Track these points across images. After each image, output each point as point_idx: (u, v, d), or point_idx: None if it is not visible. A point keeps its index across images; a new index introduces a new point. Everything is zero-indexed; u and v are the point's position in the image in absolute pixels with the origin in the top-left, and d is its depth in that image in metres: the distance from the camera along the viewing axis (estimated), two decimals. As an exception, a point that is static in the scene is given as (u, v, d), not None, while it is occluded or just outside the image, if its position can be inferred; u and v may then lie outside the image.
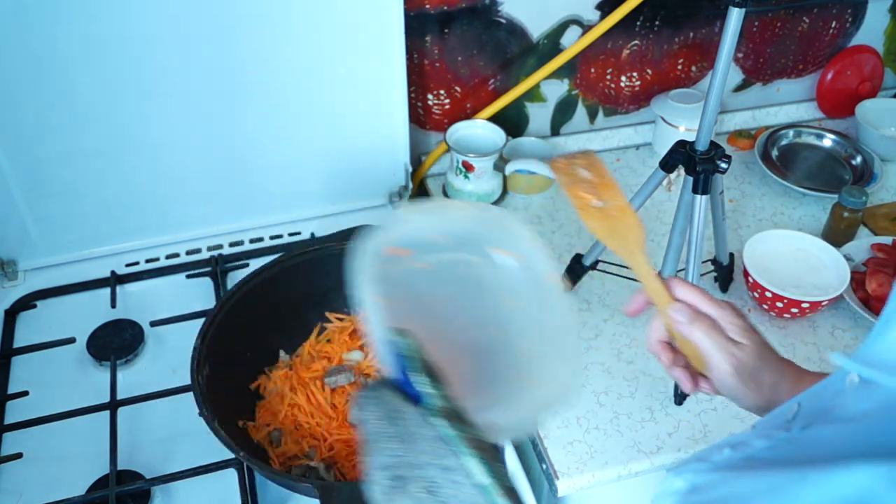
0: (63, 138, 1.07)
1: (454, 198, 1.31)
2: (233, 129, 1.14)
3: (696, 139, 0.94)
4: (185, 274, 1.19)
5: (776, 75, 1.51)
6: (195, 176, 1.17)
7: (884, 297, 1.13)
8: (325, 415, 0.93)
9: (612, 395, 1.03)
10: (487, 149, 1.29)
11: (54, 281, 1.17)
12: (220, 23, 1.04)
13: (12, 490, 0.92)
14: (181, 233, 1.23)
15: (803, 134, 1.49)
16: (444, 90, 1.33)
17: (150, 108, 1.09)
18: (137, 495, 0.90)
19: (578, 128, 1.46)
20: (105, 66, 1.03)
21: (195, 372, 0.86)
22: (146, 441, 0.97)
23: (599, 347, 1.09)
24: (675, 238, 1.02)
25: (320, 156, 1.22)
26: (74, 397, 1.00)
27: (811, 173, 1.41)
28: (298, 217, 1.27)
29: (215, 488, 0.91)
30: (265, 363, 1.00)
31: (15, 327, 1.11)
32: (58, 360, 1.06)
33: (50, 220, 1.15)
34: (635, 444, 0.98)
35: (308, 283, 1.02)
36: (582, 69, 1.38)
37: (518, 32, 1.30)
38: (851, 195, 1.20)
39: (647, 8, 1.32)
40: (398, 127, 1.23)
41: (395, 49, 1.14)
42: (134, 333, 1.08)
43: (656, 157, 1.44)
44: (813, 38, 1.47)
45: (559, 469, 0.95)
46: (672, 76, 1.44)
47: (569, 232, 1.28)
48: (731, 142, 1.49)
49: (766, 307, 1.12)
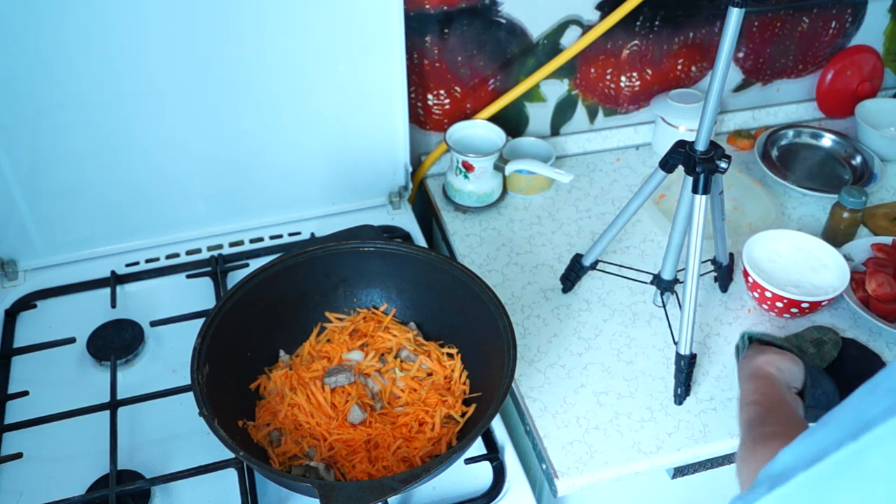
0: (63, 138, 1.07)
1: (454, 198, 1.31)
2: (233, 128, 1.15)
3: (695, 139, 0.94)
4: (185, 274, 1.19)
5: (776, 75, 1.51)
6: (195, 176, 1.17)
7: (884, 297, 1.13)
8: (325, 415, 0.93)
9: (612, 395, 1.03)
10: (487, 149, 1.29)
11: (54, 281, 1.17)
12: (220, 23, 1.04)
13: (12, 490, 0.92)
14: (181, 233, 1.23)
15: (803, 134, 1.49)
16: (444, 90, 1.33)
17: (150, 108, 1.09)
18: (137, 495, 0.90)
19: (578, 128, 1.46)
20: (105, 66, 1.03)
21: (195, 372, 0.86)
22: (146, 441, 0.97)
23: (599, 347, 1.09)
24: (675, 238, 1.02)
25: (320, 156, 1.22)
26: (74, 397, 1.00)
27: (811, 173, 1.41)
28: (298, 217, 1.27)
29: (215, 488, 0.91)
30: (265, 363, 1.00)
31: (15, 327, 1.11)
32: (58, 360, 1.06)
33: (50, 220, 1.15)
34: (635, 444, 0.98)
35: (308, 283, 1.02)
36: (582, 69, 1.38)
37: (518, 32, 1.30)
38: (851, 195, 1.20)
39: (647, 8, 1.32)
40: (398, 127, 1.23)
41: (395, 49, 1.14)
42: (134, 333, 1.08)
43: (656, 157, 1.44)
44: (813, 38, 1.47)
45: (559, 469, 0.95)
46: (672, 76, 1.44)
47: (569, 232, 1.28)
48: (731, 142, 1.49)
49: (766, 307, 1.12)
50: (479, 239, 1.27)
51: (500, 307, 0.93)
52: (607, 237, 1.09)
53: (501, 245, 1.26)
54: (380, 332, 1.02)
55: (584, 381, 1.05)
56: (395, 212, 1.31)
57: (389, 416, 0.94)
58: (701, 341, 1.10)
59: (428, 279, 1.01)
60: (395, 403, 0.96)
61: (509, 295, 1.17)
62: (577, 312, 1.14)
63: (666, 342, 1.10)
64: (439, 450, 0.91)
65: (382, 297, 1.06)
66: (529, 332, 1.11)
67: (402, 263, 1.03)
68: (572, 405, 1.02)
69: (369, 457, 0.90)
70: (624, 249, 1.25)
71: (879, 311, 1.12)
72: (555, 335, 1.11)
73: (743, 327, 1.12)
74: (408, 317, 1.06)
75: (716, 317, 1.14)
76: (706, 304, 1.16)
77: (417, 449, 0.90)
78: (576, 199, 1.35)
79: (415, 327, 1.05)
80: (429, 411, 0.93)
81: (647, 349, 1.09)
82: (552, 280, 1.19)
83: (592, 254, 1.12)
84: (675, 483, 1.05)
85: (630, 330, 1.12)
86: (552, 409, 1.02)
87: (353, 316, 1.05)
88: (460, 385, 0.98)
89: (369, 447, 0.91)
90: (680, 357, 1.00)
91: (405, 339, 1.01)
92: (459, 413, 0.94)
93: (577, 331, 1.12)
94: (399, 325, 1.04)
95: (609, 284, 1.18)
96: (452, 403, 0.95)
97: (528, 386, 1.04)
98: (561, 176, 1.25)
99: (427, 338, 1.04)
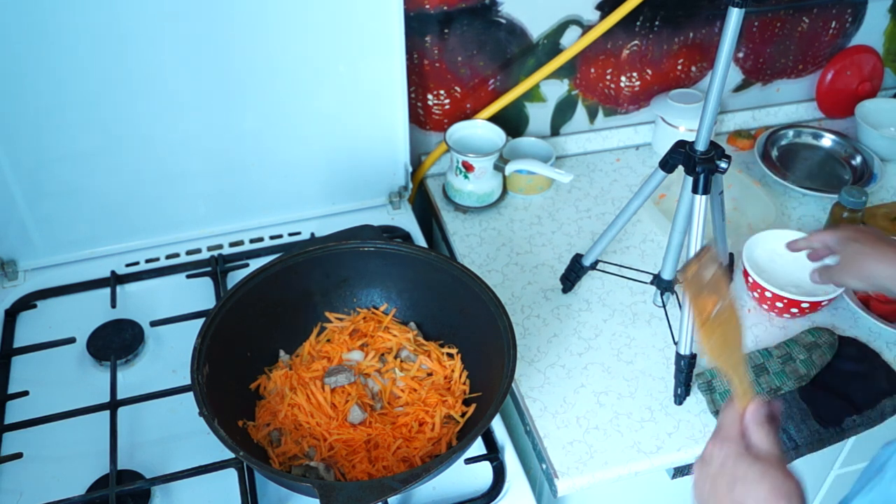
0: (63, 138, 1.07)
1: (454, 198, 1.31)
2: (233, 128, 1.15)
3: (695, 139, 0.94)
4: (185, 274, 1.19)
5: (776, 75, 1.51)
6: (195, 176, 1.17)
7: (884, 297, 1.13)
8: (325, 415, 0.93)
9: (612, 395, 1.03)
10: (487, 149, 1.29)
11: (54, 281, 1.17)
12: (220, 23, 1.04)
13: (12, 490, 0.92)
14: (181, 233, 1.23)
15: (803, 134, 1.49)
16: (444, 90, 1.33)
17: (150, 108, 1.09)
18: (137, 495, 0.90)
19: (578, 128, 1.46)
20: (106, 67, 1.03)
21: (195, 372, 0.86)
22: (146, 441, 0.97)
23: (599, 347, 1.09)
24: (675, 238, 1.02)
25: (320, 156, 1.22)
26: (74, 397, 1.00)
27: (811, 173, 1.41)
28: (298, 217, 1.27)
29: (215, 488, 0.91)
30: (265, 363, 1.00)
31: (15, 327, 1.11)
32: (58, 360, 1.06)
33: (50, 220, 1.15)
34: (635, 444, 0.98)
35: (308, 283, 1.02)
36: (582, 69, 1.38)
37: (518, 32, 1.30)
38: (851, 195, 1.20)
39: (647, 8, 1.32)
40: (398, 127, 1.23)
41: (395, 49, 1.14)
42: (134, 333, 1.08)
43: (656, 157, 1.44)
44: (813, 38, 1.47)
45: (559, 469, 0.95)
46: (672, 76, 1.44)
47: (569, 232, 1.28)
48: (731, 142, 1.49)
49: (766, 307, 1.12)
50: (479, 239, 1.27)
51: (500, 307, 0.93)
52: (607, 237, 1.09)
53: (501, 245, 1.26)
54: (380, 332, 1.02)
55: (584, 381, 1.05)
56: (395, 212, 1.31)
57: (389, 416, 0.94)
58: (701, 341, 1.10)
59: (428, 279, 1.01)
60: (395, 403, 0.96)
61: (509, 295, 1.17)
62: (577, 312, 1.14)
63: (666, 342, 1.10)
64: (439, 450, 0.91)
65: (382, 297, 1.06)
66: (529, 332, 1.11)
67: (402, 263, 1.03)
68: (572, 405, 1.02)
69: (369, 457, 0.90)
70: (624, 249, 1.25)
71: (879, 311, 1.12)
72: (555, 335, 1.11)
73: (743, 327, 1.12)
74: (408, 317, 1.06)
75: (716, 317, 1.14)
76: (706, 304, 1.16)
77: (417, 449, 0.90)
78: (576, 199, 1.35)
79: (415, 327, 1.05)
80: (429, 411, 0.94)
81: (647, 349, 1.09)
82: (552, 280, 1.19)
83: (592, 254, 1.12)
84: (675, 483, 1.05)
85: (630, 330, 1.12)
86: (552, 409, 1.02)
87: (353, 316, 1.05)
88: (460, 385, 0.98)
89: (369, 447, 0.91)
90: (680, 357, 1.00)
91: (405, 339, 1.01)
92: (459, 413, 0.94)
93: (577, 331, 1.12)
94: (399, 325, 1.04)
95: (609, 284, 1.18)
96: (452, 403, 0.95)
97: (528, 386, 1.04)
98: (561, 176, 1.25)
99: (427, 338, 1.04)
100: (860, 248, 0.96)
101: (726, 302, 0.77)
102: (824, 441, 0.99)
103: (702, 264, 0.77)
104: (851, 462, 1.23)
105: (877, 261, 0.94)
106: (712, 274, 0.77)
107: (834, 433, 0.99)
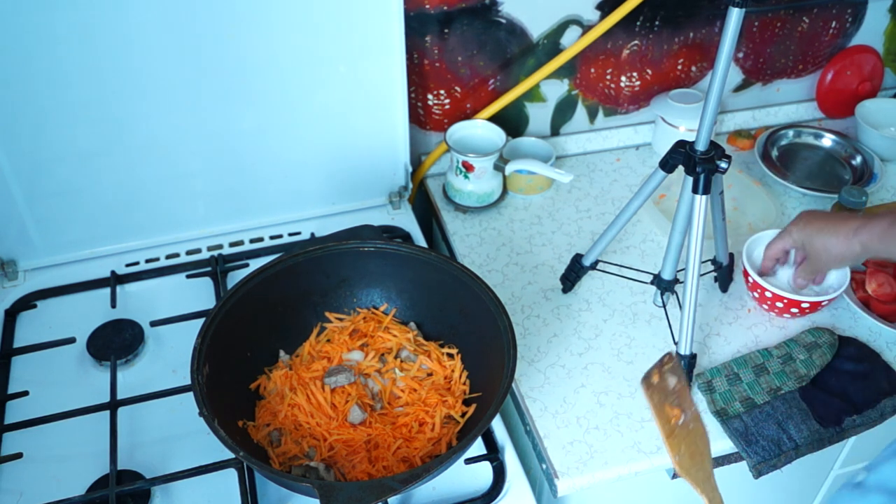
0: (63, 138, 1.07)
1: (454, 198, 1.31)
2: (233, 128, 1.15)
3: (695, 139, 0.94)
4: (185, 274, 1.19)
5: (776, 75, 1.51)
6: (195, 176, 1.17)
7: (884, 297, 1.13)
8: (325, 415, 0.93)
9: (612, 395, 1.03)
10: (487, 149, 1.29)
11: (54, 281, 1.17)
12: (220, 22, 1.04)
13: (12, 490, 0.92)
14: (181, 233, 1.23)
15: (803, 134, 1.49)
16: (444, 90, 1.33)
17: (150, 108, 1.09)
18: (137, 495, 0.90)
19: (578, 128, 1.46)
20: (105, 66, 1.03)
21: (195, 372, 0.86)
22: (146, 441, 0.97)
23: (599, 347, 1.09)
24: (675, 238, 1.02)
25: (320, 156, 1.22)
26: (74, 397, 1.00)
27: (811, 173, 1.41)
28: (298, 217, 1.27)
29: (215, 488, 0.91)
30: (265, 363, 1.00)
31: (15, 327, 1.11)
32: (58, 360, 1.06)
33: (50, 220, 1.15)
34: (635, 444, 0.98)
35: (308, 283, 1.02)
36: (582, 69, 1.38)
37: (518, 32, 1.30)
38: (851, 195, 1.20)
39: (647, 8, 1.32)
40: (398, 127, 1.23)
41: (395, 49, 1.14)
42: (134, 333, 1.08)
43: (656, 157, 1.44)
44: (813, 38, 1.47)
45: (559, 469, 0.95)
46: (672, 76, 1.44)
47: (569, 232, 1.28)
48: (731, 142, 1.49)
49: (766, 307, 1.12)
50: (479, 239, 1.27)
51: (500, 307, 0.93)
52: (607, 237, 1.09)
53: (501, 245, 1.26)
54: (380, 332, 1.02)
55: (584, 381, 1.05)
56: (395, 212, 1.31)
57: (389, 417, 0.94)
58: (701, 341, 1.10)
59: (428, 279, 1.01)
60: (395, 403, 0.96)
61: (509, 295, 1.17)
62: (577, 312, 1.14)
63: (666, 342, 1.10)
64: (439, 450, 0.91)
65: (382, 297, 1.06)
66: (529, 332, 1.11)
67: (402, 263, 1.03)
68: (572, 405, 1.02)
69: (369, 457, 0.90)
70: (624, 249, 1.25)
71: (879, 311, 1.12)
72: (555, 335, 1.11)
73: (743, 327, 1.12)
74: (408, 317, 1.06)
75: (716, 317, 1.14)
76: (706, 304, 1.16)
77: (417, 449, 0.90)
78: (576, 199, 1.35)
79: (415, 327, 1.05)
80: (429, 411, 0.93)
81: (647, 349, 1.09)
82: (552, 280, 1.19)
83: (592, 254, 1.12)
84: (675, 483, 1.05)
85: (630, 330, 1.12)
86: (552, 409, 1.02)
87: (353, 316, 1.05)
88: (460, 385, 0.98)
89: (369, 447, 0.91)
90: (680, 357, 1.00)
91: (405, 339, 1.01)
92: (459, 413, 0.94)
93: (577, 331, 1.12)
94: (399, 325, 1.04)
95: (609, 284, 1.18)
96: (452, 403, 0.95)
97: (528, 386, 1.04)
98: (561, 176, 1.25)
99: (427, 338, 1.04)
100: (815, 228, 1.00)
101: (691, 412, 0.78)
102: (824, 441, 0.99)
103: (663, 373, 0.79)
104: (851, 462, 1.23)
105: (831, 234, 0.97)
106: (675, 383, 0.78)
107: (834, 433, 0.99)
